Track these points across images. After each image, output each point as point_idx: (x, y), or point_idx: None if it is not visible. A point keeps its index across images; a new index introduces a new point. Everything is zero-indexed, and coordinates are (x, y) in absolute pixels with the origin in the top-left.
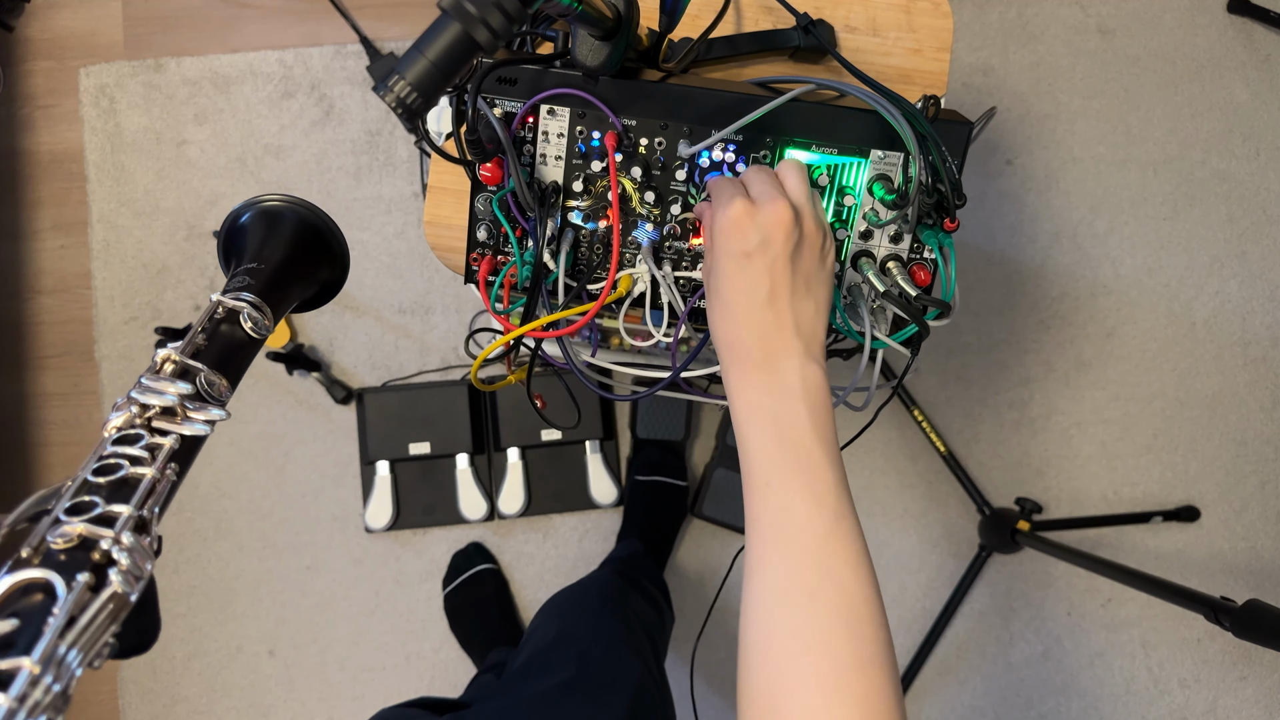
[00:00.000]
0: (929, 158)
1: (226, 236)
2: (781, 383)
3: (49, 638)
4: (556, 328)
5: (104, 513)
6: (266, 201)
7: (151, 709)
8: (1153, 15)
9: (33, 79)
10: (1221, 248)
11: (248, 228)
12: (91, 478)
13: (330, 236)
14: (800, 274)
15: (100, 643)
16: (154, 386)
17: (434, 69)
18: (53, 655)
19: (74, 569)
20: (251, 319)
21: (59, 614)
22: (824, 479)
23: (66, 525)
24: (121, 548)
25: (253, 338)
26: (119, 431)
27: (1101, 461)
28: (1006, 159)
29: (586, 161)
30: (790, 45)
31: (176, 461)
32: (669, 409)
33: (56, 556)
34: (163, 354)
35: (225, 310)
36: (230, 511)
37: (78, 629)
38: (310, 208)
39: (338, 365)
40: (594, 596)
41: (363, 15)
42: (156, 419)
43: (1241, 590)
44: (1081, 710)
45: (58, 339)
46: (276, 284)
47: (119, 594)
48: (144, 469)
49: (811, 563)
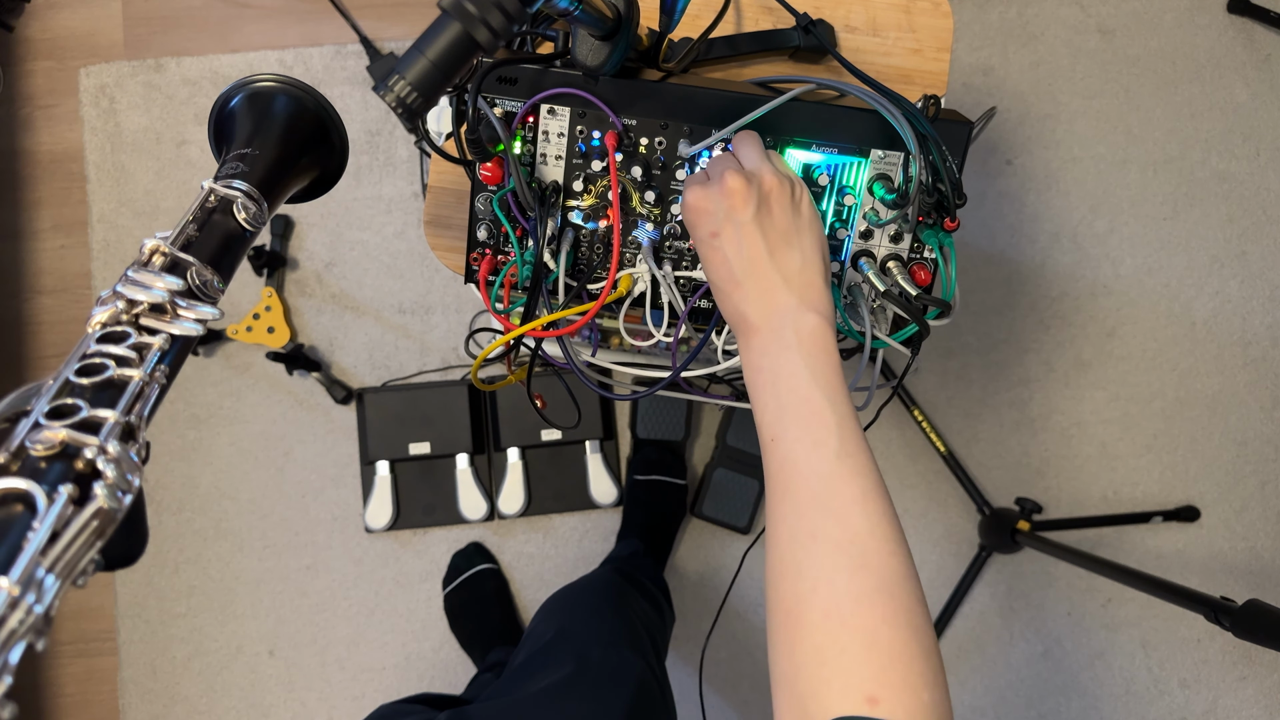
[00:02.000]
0: (929, 157)
1: (217, 120)
2: (778, 340)
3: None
4: (556, 328)
5: (88, 417)
6: (259, 82)
7: (151, 709)
8: (1153, 15)
9: (33, 79)
10: (1221, 248)
11: (238, 111)
12: (74, 378)
13: (329, 120)
14: (774, 230)
15: (85, 560)
16: (142, 280)
17: (434, 69)
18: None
19: (56, 479)
20: (245, 209)
21: (40, 530)
22: (824, 422)
23: (47, 430)
24: (107, 458)
25: (246, 229)
26: (104, 328)
27: (1101, 461)
28: (1006, 159)
29: (587, 161)
30: (790, 45)
31: (166, 363)
32: (669, 409)
33: (36, 464)
34: (151, 244)
35: (218, 199)
36: (230, 511)
37: (60, 546)
38: (305, 89)
39: (338, 365)
40: (594, 594)
41: (363, 15)
42: (144, 316)
43: (1241, 590)
44: (1081, 710)
45: (58, 339)
46: (272, 172)
47: (105, 509)
48: (131, 370)
49: (814, 504)
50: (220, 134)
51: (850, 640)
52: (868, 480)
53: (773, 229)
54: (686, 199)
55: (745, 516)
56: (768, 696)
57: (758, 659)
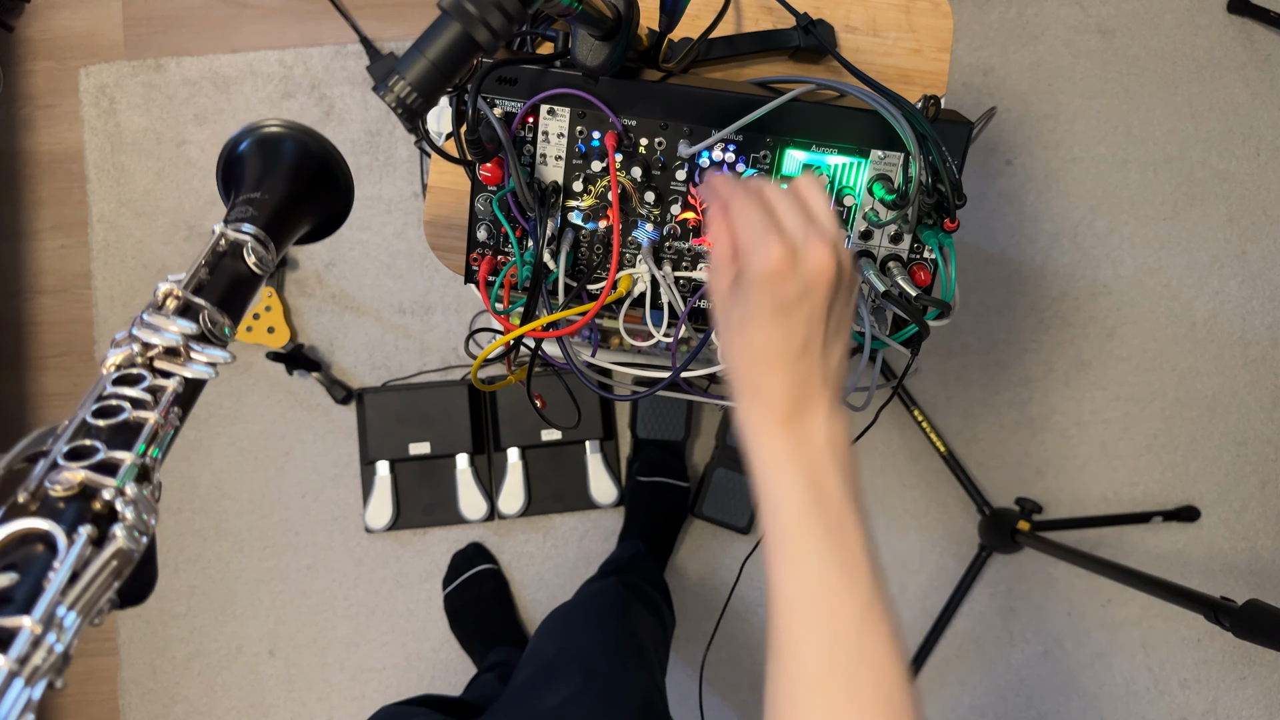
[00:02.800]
0: (929, 158)
1: (225, 165)
2: (810, 439)
3: (50, 595)
4: (556, 328)
5: (105, 459)
6: (266, 127)
7: (151, 709)
8: (1153, 15)
9: (33, 79)
10: (1221, 248)
11: (247, 156)
12: (91, 419)
13: (334, 164)
14: (834, 320)
15: (103, 599)
16: (156, 324)
17: (434, 69)
18: (54, 614)
19: (75, 520)
20: (255, 253)
21: (61, 570)
22: (857, 546)
23: (66, 470)
24: (125, 500)
25: (255, 273)
26: (119, 370)
27: (1101, 461)
28: (1006, 159)
29: (586, 161)
30: (790, 45)
31: (179, 405)
32: (669, 409)
33: (55, 504)
34: (165, 288)
35: (228, 243)
36: (230, 511)
37: (79, 586)
38: (312, 134)
39: (338, 365)
40: (597, 608)
41: (363, 15)
42: (159, 359)
43: (1241, 590)
44: (1081, 710)
45: (58, 339)
46: (280, 215)
47: (123, 550)
48: (147, 413)
49: (848, 645)
50: (228, 178)
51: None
52: (895, 620)
53: (834, 318)
54: (770, 257)
55: (745, 517)
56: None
57: (757, 659)
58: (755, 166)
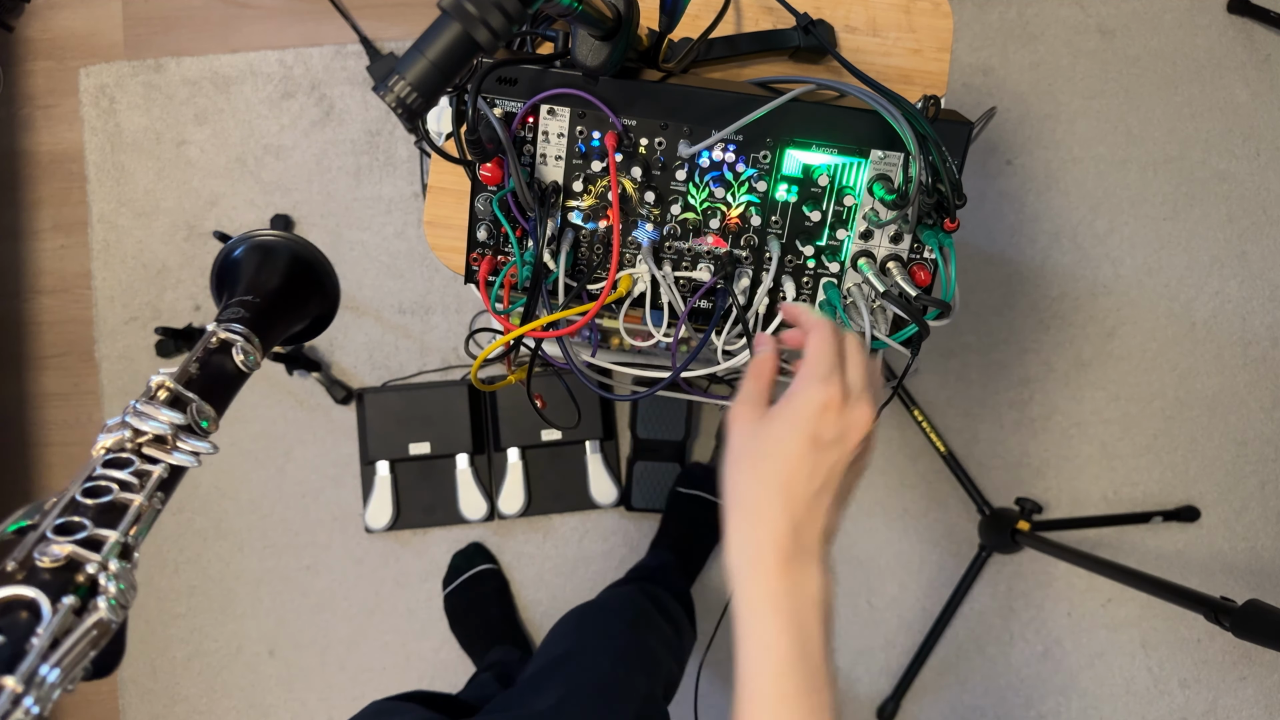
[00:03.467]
0: (929, 158)
1: (220, 269)
2: (805, 588)
3: (33, 658)
4: (556, 328)
5: (91, 535)
6: (261, 236)
7: (151, 709)
8: (1153, 15)
9: (33, 79)
10: (1221, 248)
11: (242, 261)
12: (80, 498)
13: (322, 272)
14: (847, 480)
15: (79, 667)
16: (148, 413)
17: (434, 69)
18: (34, 675)
19: (60, 590)
20: (243, 351)
21: (44, 634)
22: (829, 710)
23: (55, 544)
24: (109, 574)
25: (241, 371)
26: (109, 453)
27: (1101, 461)
28: (1006, 159)
29: (586, 161)
30: (790, 45)
31: (163, 490)
32: (669, 409)
33: (42, 574)
34: (157, 380)
35: (219, 341)
36: (230, 511)
37: (60, 652)
38: (304, 244)
39: (338, 365)
40: (611, 613)
41: (363, 15)
42: (147, 446)
43: (1241, 590)
44: (1081, 710)
45: (58, 339)
46: (269, 317)
47: (103, 621)
48: (133, 495)
49: None
50: (222, 280)
51: None
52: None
53: (848, 480)
54: (825, 392)
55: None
56: None
57: None
58: (755, 166)
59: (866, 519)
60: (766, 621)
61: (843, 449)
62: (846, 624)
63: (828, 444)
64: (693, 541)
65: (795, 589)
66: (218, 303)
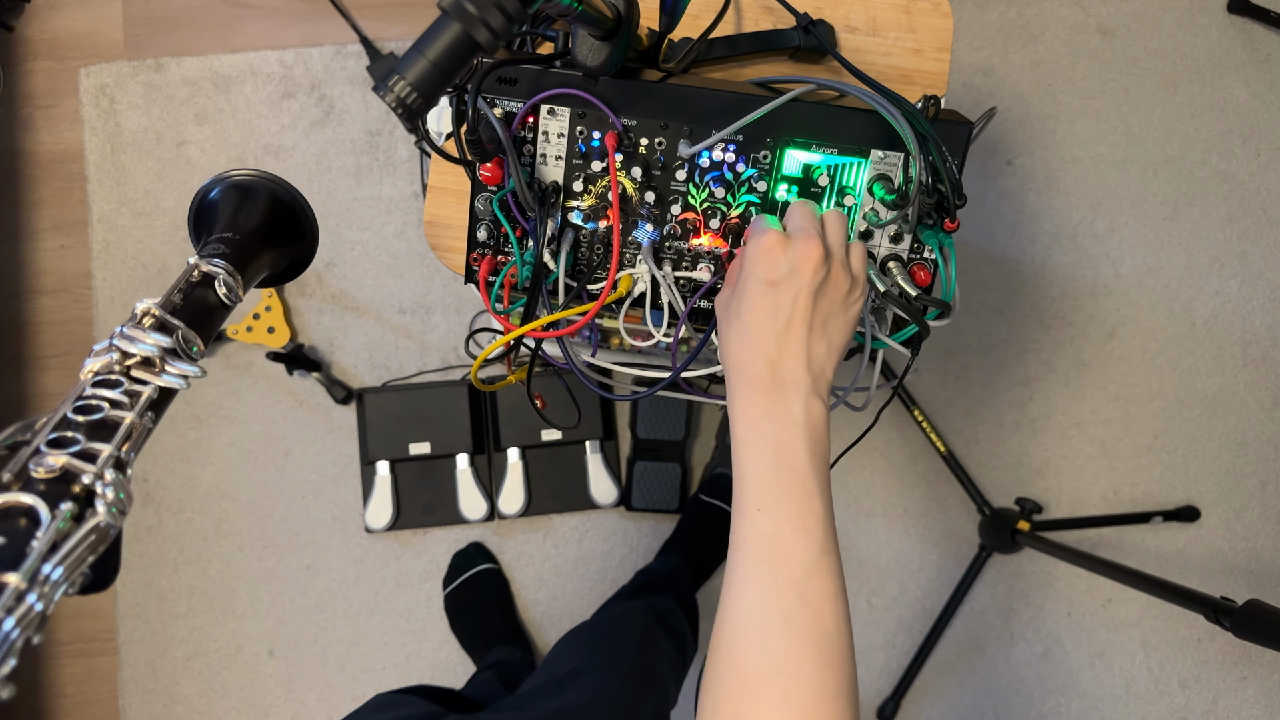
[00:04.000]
0: (929, 158)
1: (197, 211)
2: (786, 411)
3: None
4: (556, 328)
5: (85, 449)
6: (237, 175)
7: (151, 709)
8: (1153, 15)
9: (33, 79)
10: (1221, 248)
11: (219, 201)
12: (72, 415)
13: (300, 211)
14: (820, 312)
15: (79, 570)
16: (135, 335)
17: (434, 69)
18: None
19: (57, 498)
20: (225, 284)
21: (43, 537)
22: (815, 511)
23: (49, 456)
24: (105, 481)
25: (224, 303)
26: (98, 376)
27: (1101, 461)
28: (1006, 159)
29: (587, 161)
30: (790, 45)
31: (153, 410)
32: (669, 409)
33: (37, 485)
34: (142, 307)
35: (200, 274)
36: (230, 511)
37: (60, 554)
38: (280, 182)
39: (338, 365)
40: (620, 633)
41: (363, 15)
42: (136, 368)
43: (1241, 590)
44: (1081, 710)
45: (58, 339)
46: (248, 254)
47: (101, 526)
48: (124, 413)
49: (793, 589)
50: (200, 222)
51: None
52: (841, 580)
53: (820, 309)
54: (763, 240)
55: None
56: None
57: None
58: (755, 166)
59: (866, 519)
60: (750, 441)
61: (798, 281)
62: None
63: (780, 280)
64: (705, 550)
65: (776, 413)
66: (195, 244)
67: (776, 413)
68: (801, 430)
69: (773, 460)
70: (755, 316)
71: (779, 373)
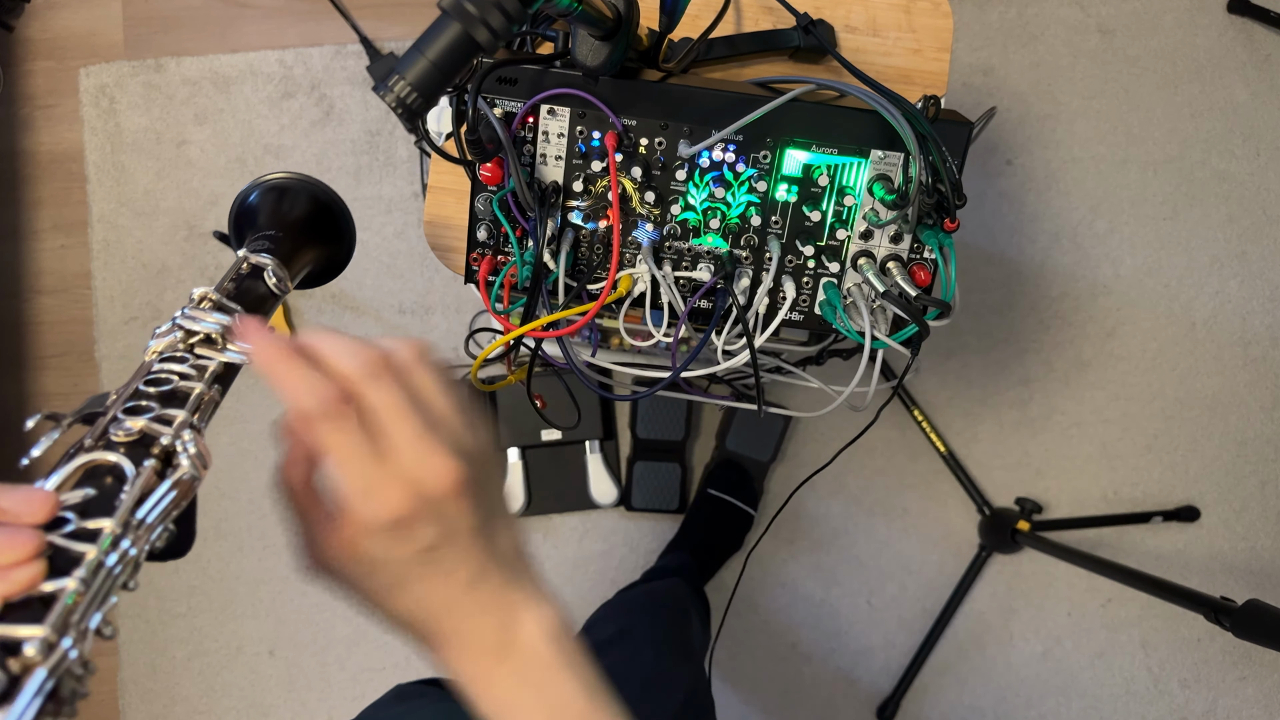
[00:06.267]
0: (929, 158)
1: (238, 215)
2: (532, 660)
3: (126, 506)
4: (556, 328)
5: (160, 414)
6: (272, 178)
7: (151, 709)
8: (1153, 15)
9: (33, 79)
10: (1221, 248)
11: (258, 203)
12: (143, 387)
13: (338, 211)
14: (482, 513)
15: (163, 526)
16: (196, 315)
17: (434, 69)
18: (129, 520)
19: (140, 458)
20: (275, 274)
21: (133, 489)
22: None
23: (127, 422)
24: (183, 441)
25: (274, 293)
26: (163, 353)
27: (1101, 461)
28: (1006, 159)
29: (587, 161)
30: (790, 45)
31: (219, 382)
32: (669, 409)
33: (118, 447)
34: (199, 292)
35: (250, 266)
36: (230, 511)
37: (148, 505)
38: (317, 183)
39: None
40: (660, 604)
41: (363, 15)
42: (199, 346)
43: (1241, 590)
44: (1081, 710)
45: (58, 339)
46: (292, 250)
47: (184, 480)
48: (193, 383)
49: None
50: (241, 223)
51: None
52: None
53: (484, 510)
54: (383, 505)
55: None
56: (763, 698)
57: (756, 658)
58: (755, 166)
59: (866, 519)
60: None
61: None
62: (846, 624)
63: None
64: (713, 546)
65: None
66: (235, 246)
67: (525, 669)
68: (563, 667)
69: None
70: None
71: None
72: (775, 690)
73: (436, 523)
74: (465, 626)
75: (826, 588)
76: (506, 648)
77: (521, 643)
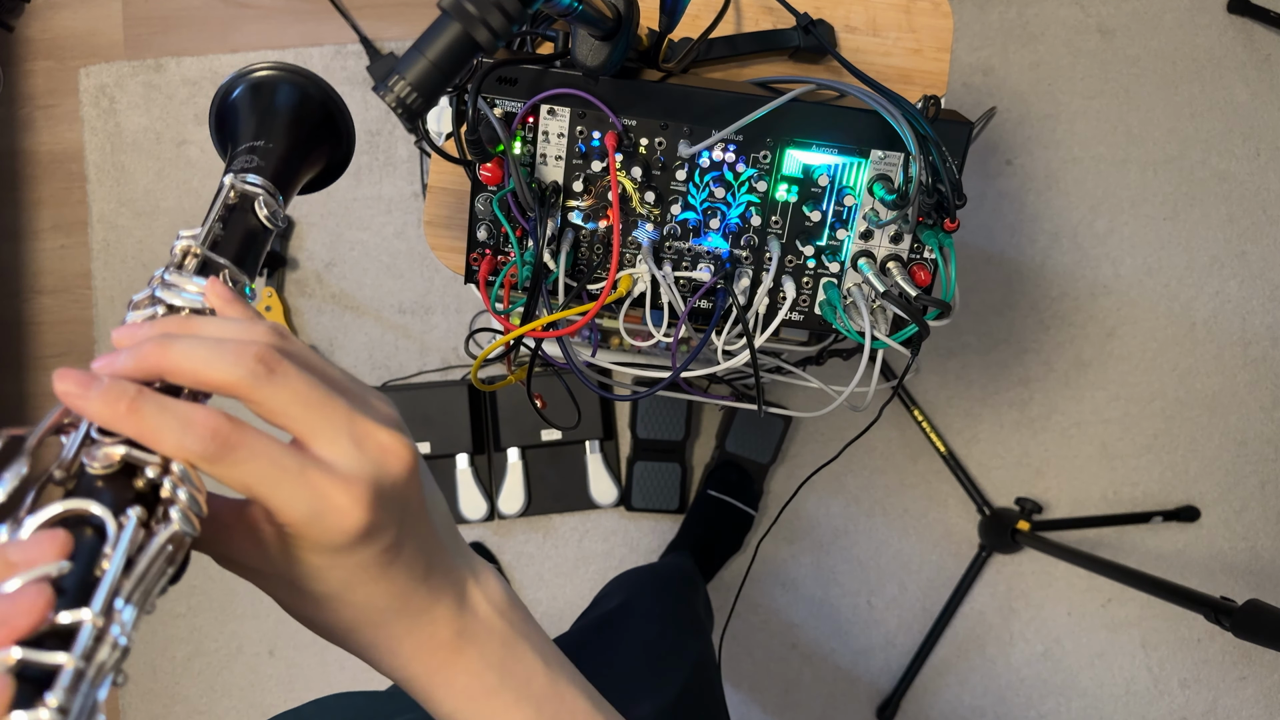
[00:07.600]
0: (929, 158)
1: (218, 115)
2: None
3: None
4: (556, 328)
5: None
6: (257, 72)
7: (151, 709)
8: (1153, 15)
9: (33, 79)
10: (1221, 248)
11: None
12: None
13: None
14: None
15: (158, 587)
16: (178, 283)
17: (434, 69)
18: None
19: (120, 500)
20: (266, 205)
21: (116, 557)
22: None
23: (104, 446)
24: (173, 479)
25: (267, 227)
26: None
27: (1101, 461)
28: (1006, 159)
29: (587, 161)
30: (790, 45)
31: None
32: (669, 409)
33: (94, 482)
34: (183, 244)
35: (237, 195)
36: None
37: (136, 574)
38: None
39: (338, 365)
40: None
41: (363, 15)
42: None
43: (1241, 590)
44: (1081, 710)
45: (58, 339)
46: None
47: (178, 534)
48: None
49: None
50: (223, 127)
51: None
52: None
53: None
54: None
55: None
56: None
57: (756, 658)
58: (755, 166)
59: (866, 519)
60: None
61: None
62: (846, 624)
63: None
64: (712, 546)
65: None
66: (222, 154)
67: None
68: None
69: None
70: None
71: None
72: (775, 690)
73: (400, 512)
74: (421, 621)
75: (826, 588)
76: (463, 635)
77: (478, 625)
